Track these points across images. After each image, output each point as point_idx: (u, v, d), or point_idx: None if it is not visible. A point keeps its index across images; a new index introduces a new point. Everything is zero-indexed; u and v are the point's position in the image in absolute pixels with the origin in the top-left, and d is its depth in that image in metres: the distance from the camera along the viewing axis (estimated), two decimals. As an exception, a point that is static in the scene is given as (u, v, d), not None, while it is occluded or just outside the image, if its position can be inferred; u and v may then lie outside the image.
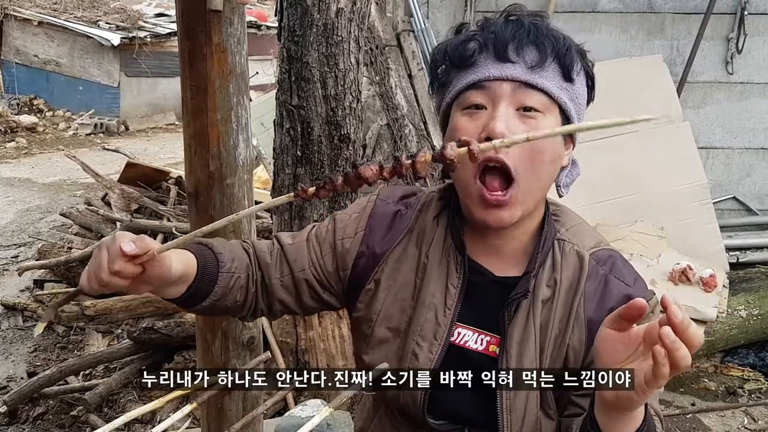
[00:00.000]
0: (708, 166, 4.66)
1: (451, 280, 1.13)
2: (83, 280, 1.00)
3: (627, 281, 1.11)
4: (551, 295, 1.10)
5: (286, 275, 1.22)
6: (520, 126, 1.02)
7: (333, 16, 2.80)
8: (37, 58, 13.88)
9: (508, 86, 1.03)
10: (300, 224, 3.05)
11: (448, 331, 1.12)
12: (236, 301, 1.19)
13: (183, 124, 1.58)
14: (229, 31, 1.48)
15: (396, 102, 4.52)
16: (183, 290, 1.10)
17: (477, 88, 1.04)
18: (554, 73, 1.04)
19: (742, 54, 4.63)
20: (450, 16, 4.71)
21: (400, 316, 1.16)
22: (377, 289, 1.18)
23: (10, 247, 6.17)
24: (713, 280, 3.68)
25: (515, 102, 1.03)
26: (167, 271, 1.02)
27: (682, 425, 3.39)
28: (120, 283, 0.98)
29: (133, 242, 0.96)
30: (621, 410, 0.87)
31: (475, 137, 0.97)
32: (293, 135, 2.95)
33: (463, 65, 1.06)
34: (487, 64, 1.04)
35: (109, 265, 0.96)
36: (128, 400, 3.45)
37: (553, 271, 1.11)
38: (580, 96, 1.09)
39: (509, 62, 1.03)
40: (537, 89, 1.03)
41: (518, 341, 1.08)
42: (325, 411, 0.96)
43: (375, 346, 1.17)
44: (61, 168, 9.65)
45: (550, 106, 1.04)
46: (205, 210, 1.60)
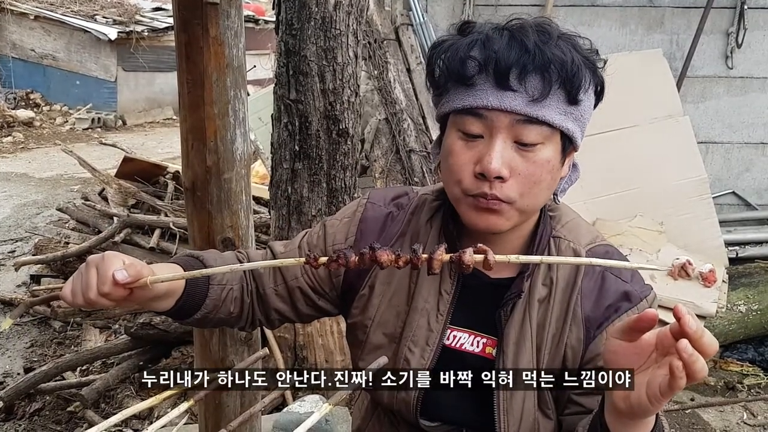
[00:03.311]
0: (707, 161, 4.65)
1: (444, 285, 1.12)
2: (66, 292, 0.99)
3: (624, 277, 1.09)
4: (547, 294, 1.08)
5: (279, 284, 1.21)
6: (516, 160, 0.98)
7: (331, 10, 2.78)
8: (34, 52, 13.83)
9: (506, 118, 0.96)
10: (298, 219, 3.03)
11: (440, 337, 1.11)
12: (231, 312, 1.19)
13: (180, 118, 1.56)
14: (226, 24, 1.46)
15: (394, 96, 4.51)
16: (172, 303, 1.09)
17: (474, 115, 0.98)
18: (558, 100, 0.97)
19: (742, 48, 4.61)
20: (449, 9, 4.68)
21: (395, 321, 1.15)
22: (371, 294, 1.17)
23: (7, 242, 6.15)
24: (712, 275, 3.68)
25: (513, 135, 0.98)
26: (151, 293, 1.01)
27: (681, 420, 3.39)
28: (107, 304, 0.98)
29: (126, 270, 0.95)
30: (634, 418, 0.85)
31: (469, 166, 0.99)
32: (291, 129, 2.93)
33: (460, 82, 0.99)
34: (486, 89, 0.97)
35: (99, 287, 0.95)
36: (125, 396, 3.43)
37: (549, 269, 1.09)
38: (587, 112, 1.03)
39: (510, 90, 0.95)
40: (538, 122, 0.97)
41: (515, 341, 1.07)
42: (325, 408, 0.95)
43: (370, 351, 1.16)
44: (58, 163, 9.62)
45: (551, 136, 0.99)
46: (202, 205, 1.59)
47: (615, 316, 1.06)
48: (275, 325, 1.30)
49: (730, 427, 3.37)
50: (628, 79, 4.21)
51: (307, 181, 2.99)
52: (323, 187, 3.00)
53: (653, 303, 1.09)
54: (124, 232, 4.97)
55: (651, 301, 1.08)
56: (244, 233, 1.66)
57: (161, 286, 1.02)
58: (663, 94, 4.30)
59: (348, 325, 1.22)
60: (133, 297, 0.99)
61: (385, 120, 4.56)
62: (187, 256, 1.16)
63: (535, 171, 0.99)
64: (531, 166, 0.98)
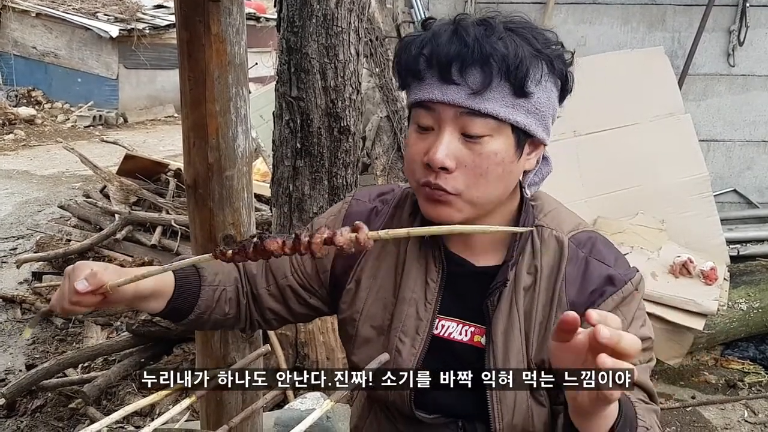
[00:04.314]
0: (709, 159, 4.64)
1: (430, 274, 1.13)
2: (52, 302, 1.08)
3: (607, 261, 1.10)
4: (533, 282, 1.09)
5: (271, 284, 1.25)
6: (463, 151, 1.00)
7: (333, 7, 2.78)
8: (36, 49, 13.84)
9: (451, 111, 0.99)
10: (299, 216, 3.03)
11: (430, 326, 1.12)
12: (226, 314, 1.22)
13: (182, 115, 1.57)
14: (228, 21, 1.46)
15: (396, 94, 4.51)
16: (163, 305, 1.14)
17: (425, 108, 1.02)
18: (502, 92, 0.98)
19: (744, 46, 4.60)
20: (450, 7, 4.67)
21: (383, 314, 1.16)
22: (358, 288, 1.18)
23: (9, 240, 6.16)
24: (714, 273, 3.67)
25: (459, 127, 1.00)
26: (131, 293, 1.07)
27: (682, 418, 3.39)
28: (83, 310, 1.07)
29: (87, 279, 1.02)
30: (585, 414, 0.87)
31: (420, 157, 1.02)
32: (293, 127, 2.93)
33: (414, 77, 1.03)
34: (433, 83, 1.00)
35: (69, 296, 1.03)
36: (127, 393, 3.44)
37: (533, 258, 1.10)
38: (544, 103, 1.02)
39: (453, 84, 0.98)
40: (482, 114, 0.98)
41: (503, 330, 1.08)
42: (326, 405, 0.96)
43: (361, 345, 1.17)
44: (59, 160, 9.63)
45: (499, 128, 1.00)
46: (204, 202, 1.59)
47: (600, 300, 1.06)
48: (273, 326, 1.33)
49: (731, 424, 3.37)
50: (630, 77, 4.21)
51: (309, 179, 2.99)
52: (325, 185, 3.00)
53: (639, 285, 1.09)
54: (125, 230, 4.98)
55: (636, 284, 1.09)
56: (245, 231, 1.66)
57: (146, 288, 1.09)
58: (664, 92, 4.29)
59: (339, 322, 1.24)
60: (109, 300, 1.06)
61: (386, 117, 4.56)
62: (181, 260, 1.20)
63: (482, 163, 1.00)
64: (477, 158, 1.00)
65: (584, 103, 4.12)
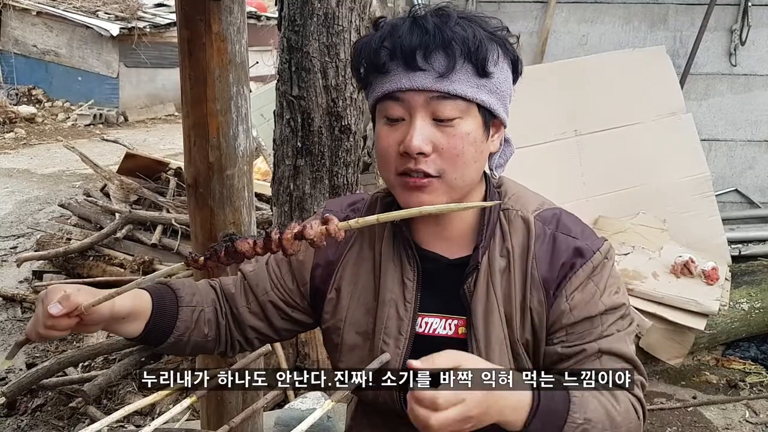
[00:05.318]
0: (710, 159, 4.63)
1: (406, 273, 1.14)
2: (28, 330, 1.08)
3: (574, 234, 1.12)
4: (507, 264, 1.11)
5: (252, 301, 1.24)
6: (437, 135, 1.03)
7: (334, 6, 2.78)
8: (36, 48, 13.84)
9: (420, 97, 1.02)
10: (300, 215, 3.03)
11: (412, 324, 1.13)
12: (206, 335, 1.22)
13: (182, 114, 1.56)
14: (229, 20, 1.46)
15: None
16: (140, 328, 1.13)
17: (393, 99, 1.04)
18: (467, 74, 1.02)
19: (746, 46, 4.59)
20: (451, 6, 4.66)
21: (366, 318, 1.17)
22: (339, 296, 1.19)
23: (9, 238, 6.16)
24: (715, 272, 3.67)
25: (431, 112, 1.03)
26: (108, 313, 1.06)
27: (683, 418, 3.38)
28: (59, 334, 1.05)
29: (60, 302, 1.01)
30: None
31: (395, 147, 1.05)
32: (293, 126, 2.93)
33: (378, 71, 1.06)
34: (399, 73, 1.03)
35: (43, 320, 1.03)
36: (127, 392, 3.44)
37: (503, 240, 1.12)
38: (503, 83, 1.07)
39: (419, 70, 1.01)
40: (451, 96, 1.01)
41: (482, 315, 1.10)
42: (327, 404, 0.96)
43: (347, 352, 1.18)
44: (60, 159, 9.63)
45: (467, 109, 1.04)
46: (204, 201, 1.59)
47: (571, 273, 1.08)
48: (255, 346, 1.32)
49: (732, 425, 3.36)
50: (631, 76, 4.20)
51: (309, 178, 2.98)
52: (325, 184, 3.00)
53: (608, 253, 1.11)
54: (125, 229, 4.97)
55: (605, 252, 1.11)
56: (246, 230, 1.66)
57: (123, 308, 1.08)
58: (666, 91, 4.28)
59: (323, 332, 1.24)
60: (86, 322, 1.05)
61: (387, 117, 4.55)
62: (157, 283, 1.20)
63: (457, 144, 1.03)
64: (452, 140, 1.03)
65: (586, 103, 4.12)
